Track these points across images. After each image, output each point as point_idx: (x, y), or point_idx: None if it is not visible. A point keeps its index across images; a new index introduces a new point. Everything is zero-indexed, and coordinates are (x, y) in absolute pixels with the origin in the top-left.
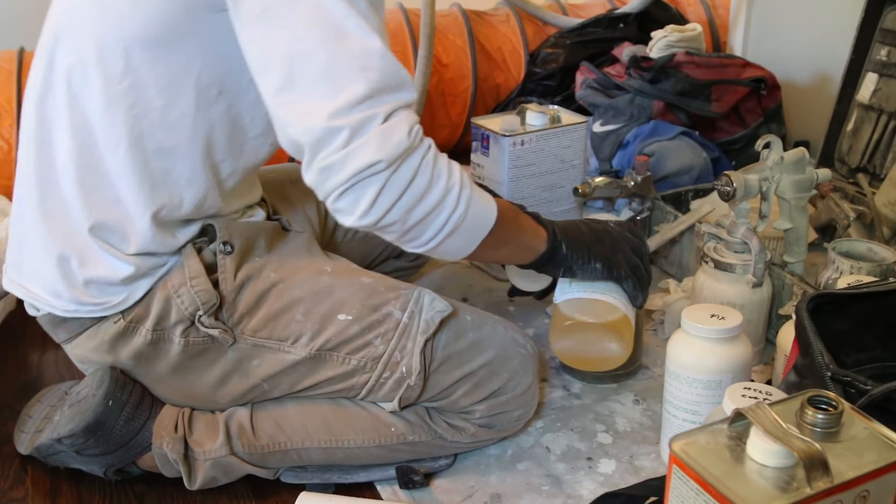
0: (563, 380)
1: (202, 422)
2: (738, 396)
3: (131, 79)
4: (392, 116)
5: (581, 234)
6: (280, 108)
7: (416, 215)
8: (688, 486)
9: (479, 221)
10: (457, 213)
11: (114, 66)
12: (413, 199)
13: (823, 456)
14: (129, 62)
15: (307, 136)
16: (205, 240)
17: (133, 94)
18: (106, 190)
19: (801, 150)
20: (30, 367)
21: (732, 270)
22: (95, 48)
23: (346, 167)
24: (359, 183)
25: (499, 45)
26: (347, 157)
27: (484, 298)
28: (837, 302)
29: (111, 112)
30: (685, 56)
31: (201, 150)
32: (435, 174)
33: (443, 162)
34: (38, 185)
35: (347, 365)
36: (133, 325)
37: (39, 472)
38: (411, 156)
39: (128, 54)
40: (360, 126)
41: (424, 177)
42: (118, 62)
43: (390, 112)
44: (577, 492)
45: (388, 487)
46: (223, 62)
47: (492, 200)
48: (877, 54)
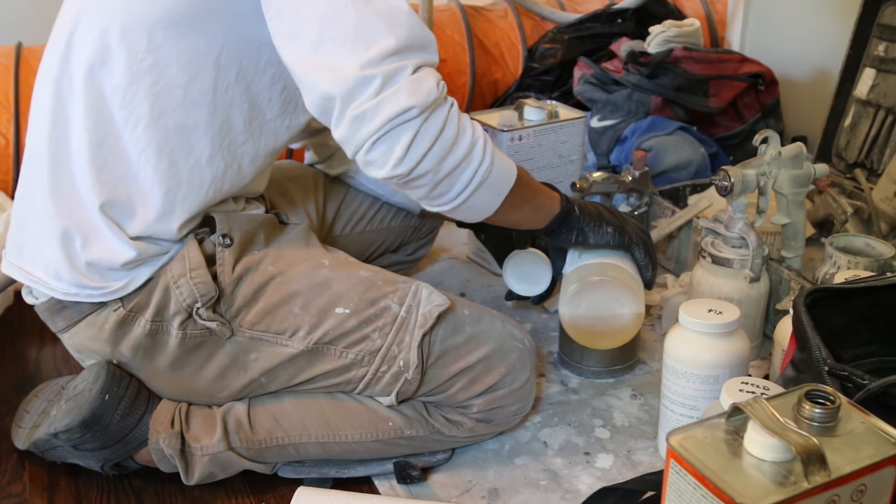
0: (560, 375)
1: (199, 417)
2: (736, 391)
3: (154, 56)
4: (420, 70)
5: (589, 204)
6: (312, 70)
7: (448, 165)
8: (685, 480)
9: (502, 177)
10: (483, 166)
11: (137, 44)
12: (444, 148)
13: (821, 450)
14: (152, 40)
15: (339, 87)
16: (206, 230)
17: (155, 71)
18: (121, 167)
19: (798, 145)
20: (27, 362)
21: (730, 265)
22: (119, 27)
23: (380, 113)
24: (392, 130)
25: (497, 40)
26: (381, 104)
27: (481, 293)
28: (835, 297)
29: (133, 89)
30: (683, 51)
31: (219, 129)
32: (461, 127)
33: (466, 117)
34: (49, 165)
35: (345, 359)
36: (132, 315)
37: (37, 467)
38: (441, 106)
39: (151, 32)
40: (391, 75)
41: (452, 128)
42: (142, 40)
43: (418, 66)
44: (574, 486)
45: (386, 482)
46: (243, 41)
47: (509, 159)
48: (874, 50)
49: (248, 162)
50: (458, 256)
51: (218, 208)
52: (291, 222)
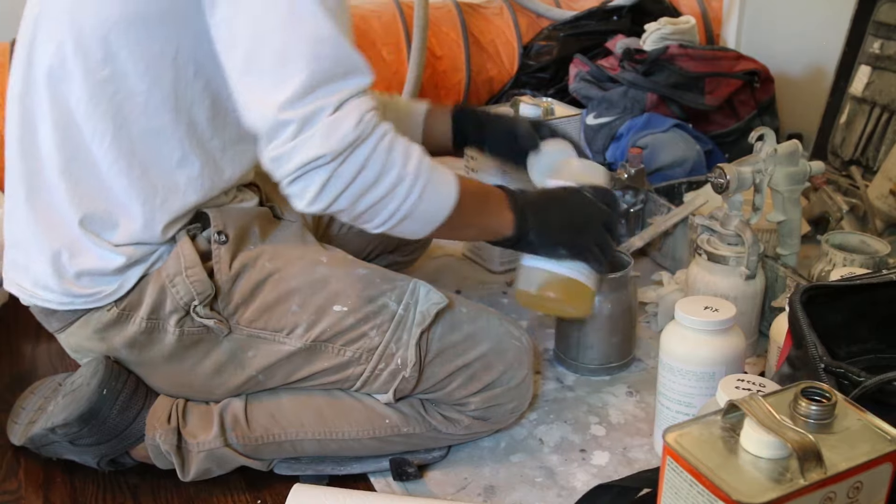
0: (556, 372)
1: (196, 413)
2: (732, 388)
3: (111, 67)
4: (343, 106)
5: (551, 219)
6: (242, 91)
7: (365, 203)
8: (681, 477)
9: (434, 207)
10: (408, 202)
11: (93, 55)
12: (361, 189)
13: (817, 447)
14: (108, 49)
15: (261, 125)
16: (198, 226)
17: (115, 81)
18: (94, 181)
19: (794, 142)
20: (23, 358)
21: (726, 263)
22: (73, 38)
23: (293, 159)
24: (305, 174)
25: (492, 37)
26: (294, 149)
27: (478, 291)
28: (831, 294)
29: (95, 102)
30: (679, 49)
31: (186, 130)
32: (387, 164)
33: (398, 150)
34: (24, 182)
35: (342, 356)
36: (126, 313)
37: (33, 463)
38: (359, 148)
39: (106, 41)
40: (308, 119)
41: (373, 168)
42: (97, 51)
43: (341, 101)
44: (570, 483)
45: (382, 479)
46: (198, 39)
47: (452, 186)
48: (870, 47)
49: (221, 156)
50: (453, 254)
51: (209, 202)
52: (286, 218)
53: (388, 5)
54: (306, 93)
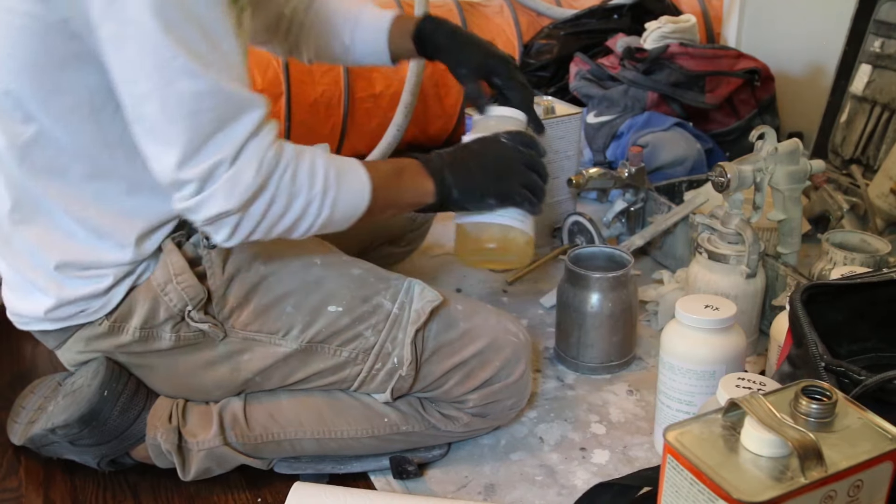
0: (556, 370)
1: (196, 413)
2: (733, 387)
3: (34, 126)
4: (241, 154)
5: (471, 171)
6: (139, 140)
7: (280, 229)
8: (682, 475)
9: (349, 208)
10: (322, 217)
11: (13, 118)
12: (272, 222)
13: (817, 446)
14: (25, 111)
15: (162, 180)
16: (182, 233)
17: (41, 140)
18: (57, 230)
19: (795, 141)
20: (23, 357)
21: (726, 261)
22: None
23: (199, 213)
24: (214, 224)
25: (493, 36)
26: (198, 205)
27: (478, 289)
28: (831, 293)
29: (28, 163)
30: (679, 47)
31: (123, 161)
32: (293, 194)
33: (302, 176)
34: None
35: (339, 357)
36: (118, 325)
37: (33, 462)
38: (263, 192)
39: (20, 102)
40: (206, 177)
41: (280, 203)
42: (16, 113)
43: (238, 149)
44: (570, 482)
45: (382, 477)
46: (105, 78)
47: (364, 182)
48: (870, 46)
49: None
50: (453, 252)
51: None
52: None
53: (389, 4)
54: (196, 150)
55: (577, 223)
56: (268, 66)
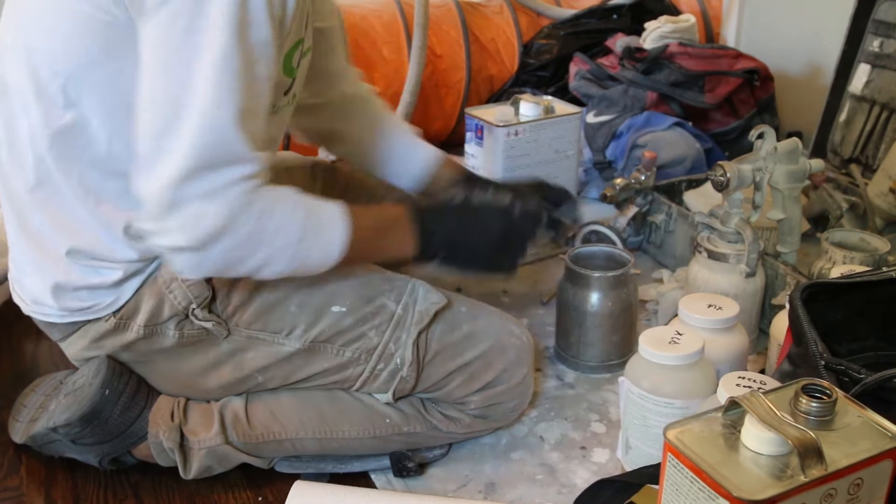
0: (556, 369)
1: (197, 411)
2: (733, 385)
3: (73, 114)
4: (212, 197)
5: (462, 247)
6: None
7: (239, 272)
8: (682, 473)
9: (315, 266)
10: (285, 270)
11: (54, 102)
12: (229, 265)
13: (817, 444)
14: (67, 97)
15: (137, 188)
16: None
17: (76, 128)
18: (72, 216)
19: (794, 140)
20: (25, 356)
21: (726, 260)
22: (33, 84)
23: (158, 239)
24: (169, 254)
25: (492, 36)
26: (159, 231)
27: (478, 289)
28: (831, 291)
29: (58, 146)
30: (678, 47)
31: None
32: (255, 245)
33: (270, 227)
34: (14, 213)
35: (342, 357)
36: (124, 322)
37: (34, 461)
38: (223, 238)
39: (65, 89)
40: (170, 207)
41: (240, 252)
42: (58, 98)
43: (213, 192)
44: (571, 481)
45: (383, 476)
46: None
47: (336, 243)
48: (869, 45)
49: None
50: None
51: None
52: None
53: (389, 4)
54: (183, 178)
55: (596, 233)
56: None
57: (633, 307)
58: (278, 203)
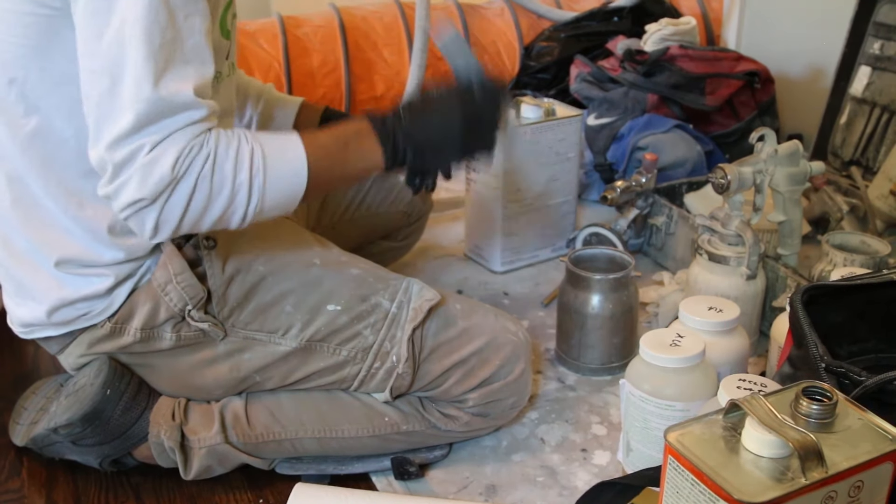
0: (557, 372)
1: (198, 411)
2: (733, 388)
3: (36, 118)
4: (161, 143)
5: (426, 135)
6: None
7: (209, 220)
8: (683, 476)
9: (284, 193)
10: (253, 204)
11: (14, 111)
12: (197, 213)
13: (818, 446)
14: (27, 103)
15: (93, 159)
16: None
17: (42, 132)
18: (55, 227)
19: (795, 142)
20: (25, 358)
21: (727, 263)
22: None
23: (117, 200)
24: (134, 214)
25: (493, 38)
26: (116, 191)
27: (478, 291)
28: (831, 294)
29: (28, 155)
30: (679, 49)
31: None
32: (216, 185)
33: (226, 163)
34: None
35: (338, 356)
36: (119, 326)
37: (35, 463)
38: (180, 183)
39: (23, 94)
40: (122, 163)
41: (201, 194)
42: (18, 105)
43: (160, 140)
44: (571, 483)
45: (384, 478)
46: None
47: (299, 163)
48: (870, 48)
49: None
50: (455, 253)
51: None
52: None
53: (390, 6)
54: (125, 136)
55: (597, 234)
56: (269, 68)
57: (633, 309)
58: (231, 140)
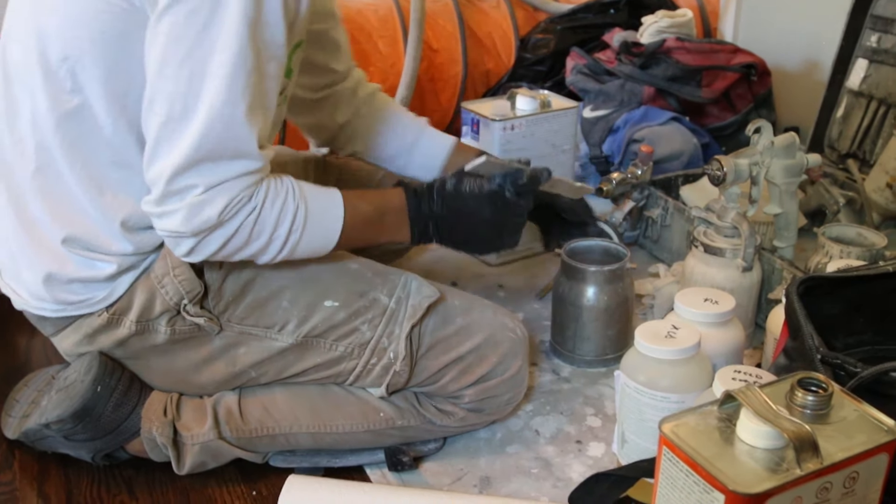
0: (552, 364)
1: (190, 406)
2: (729, 379)
3: (80, 98)
4: (213, 189)
5: (457, 231)
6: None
7: (240, 257)
8: (678, 467)
9: (314, 249)
10: (283, 254)
11: (62, 85)
12: (230, 252)
13: (813, 437)
14: (76, 81)
15: (147, 173)
16: None
17: (82, 112)
18: (71, 204)
19: (791, 134)
20: (17, 350)
21: (722, 255)
22: (41, 66)
23: (159, 223)
24: (172, 239)
25: (489, 30)
26: (160, 216)
27: (474, 284)
28: (827, 286)
29: (63, 132)
30: (676, 42)
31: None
32: (253, 234)
33: (269, 218)
34: (11, 200)
35: (334, 351)
36: (116, 318)
37: (27, 456)
38: (222, 227)
39: (74, 73)
40: (172, 193)
41: (238, 240)
42: (66, 81)
43: (214, 185)
44: (566, 475)
45: (378, 471)
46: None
47: (334, 229)
48: (867, 40)
49: None
50: None
51: None
52: None
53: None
54: (185, 168)
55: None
56: None
57: (629, 301)
58: (278, 195)
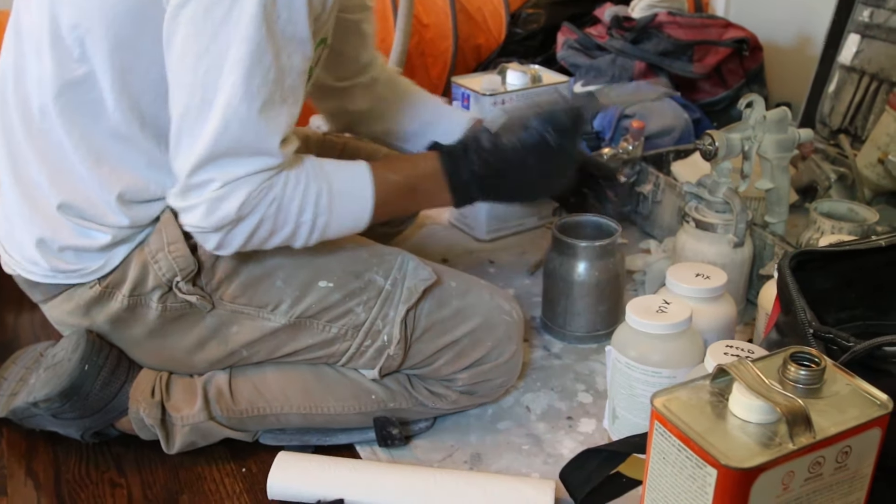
0: (543, 340)
1: (180, 386)
2: (721, 354)
3: (86, 68)
4: (231, 184)
5: (501, 188)
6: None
7: (270, 245)
8: (669, 442)
9: (348, 227)
10: (314, 237)
11: (69, 53)
12: (258, 243)
13: (806, 412)
14: (83, 50)
15: (174, 165)
16: None
17: (87, 82)
18: (69, 171)
19: (783, 109)
20: (5, 327)
21: (714, 230)
22: (50, 31)
23: (183, 217)
24: (197, 234)
25: (479, 5)
26: (183, 211)
27: (464, 259)
28: (819, 260)
29: (65, 98)
30: (667, 16)
31: (153, 141)
32: (278, 224)
33: (292, 205)
34: (10, 160)
35: (328, 333)
36: (109, 291)
37: (15, 433)
38: (244, 221)
39: (82, 42)
40: (193, 187)
41: (264, 229)
42: (74, 49)
43: (231, 180)
44: (557, 451)
45: (368, 448)
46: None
47: (364, 205)
48: (859, 15)
49: None
50: (440, 223)
51: None
52: None
53: None
54: (205, 162)
55: None
56: None
57: (620, 277)
58: (298, 182)
